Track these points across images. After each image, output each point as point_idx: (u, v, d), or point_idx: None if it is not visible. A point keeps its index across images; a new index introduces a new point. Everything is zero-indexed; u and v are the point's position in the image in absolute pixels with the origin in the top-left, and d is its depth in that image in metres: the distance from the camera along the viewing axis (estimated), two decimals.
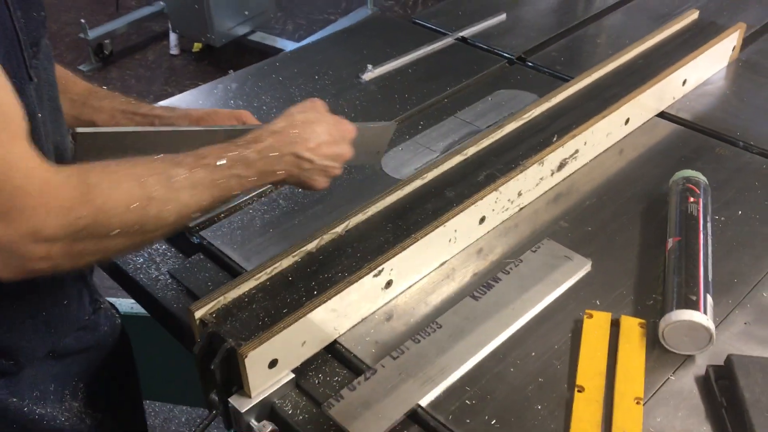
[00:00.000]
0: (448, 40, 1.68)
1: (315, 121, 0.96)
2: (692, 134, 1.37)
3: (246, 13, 3.75)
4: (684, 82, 1.44)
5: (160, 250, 1.17)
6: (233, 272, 1.09)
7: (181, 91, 1.61)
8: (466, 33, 1.71)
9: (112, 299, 1.44)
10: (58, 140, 0.95)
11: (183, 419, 2.11)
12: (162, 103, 1.50)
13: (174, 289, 1.10)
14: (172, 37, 3.91)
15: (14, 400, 0.96)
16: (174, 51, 3.93)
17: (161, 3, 4.00)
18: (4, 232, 0.71)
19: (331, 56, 1.65)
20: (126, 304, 1.66)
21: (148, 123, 1.06)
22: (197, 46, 3.90)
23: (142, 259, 1.15)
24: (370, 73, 1.55)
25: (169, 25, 3.88)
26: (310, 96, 1.45)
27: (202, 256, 1.13)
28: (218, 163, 0.86)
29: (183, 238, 1.17)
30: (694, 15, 1.60)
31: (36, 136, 0.85)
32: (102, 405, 1.13)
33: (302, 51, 1.75)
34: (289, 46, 3.71)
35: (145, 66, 3.91)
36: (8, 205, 0.71)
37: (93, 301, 1.06)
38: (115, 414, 1.16)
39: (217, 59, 3.85)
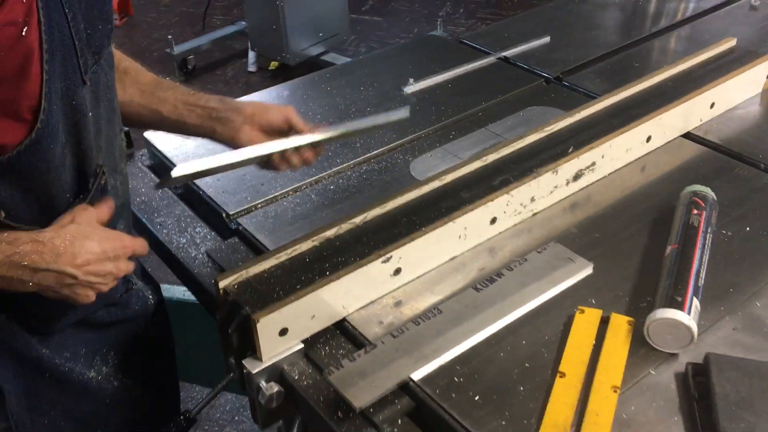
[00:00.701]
0: (490, 59, 1.77)
1: (87, 235, 0.92)
2: (716, 155, 1.41)
3: (320, 34, 3.94)
4: (712, 105, 1.48)
5: (201, 234, 1.30)
6: None
7: None
8: (508, 53, 1.79)
9: (166, 285, 1.58)
10: (111, 136, 1.08)
11: (227, 408, 2.24)
12: None
13: (209, 267, 1.22)
14: (251, 55, 4.14)
15: (46, 351, 1.08)
16: (252, 68, 4.16)
17: (243, 23, 4.24)
18: None
19: (378, 70, 1.76)
20: (179, 290, 1.80)
21: (206, 115, 1.17)
22: (273, 65, 4.11)
23: (184, 240, 1.28)
24: (412, 87, 1.66)
25: (249, 44, 4.11)
26: (354, 104, 1.59)
27: (237, 240, 1.25)
28: None
29: (222, 223, 1.29)
30: (731, 42, 1.64)
31: (85, 133, 0.97)
32: (131, 373, 1.24)
33: (353, 65, 1.87)
34: None
35: (224, 81, 4.14)
36: None
37: (125, 282, 1.19)
38: (145, 384, 1.28)
39: (290, 77, 4.02)
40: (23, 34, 0.82)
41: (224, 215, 1.29)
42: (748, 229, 1.20)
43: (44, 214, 0.97)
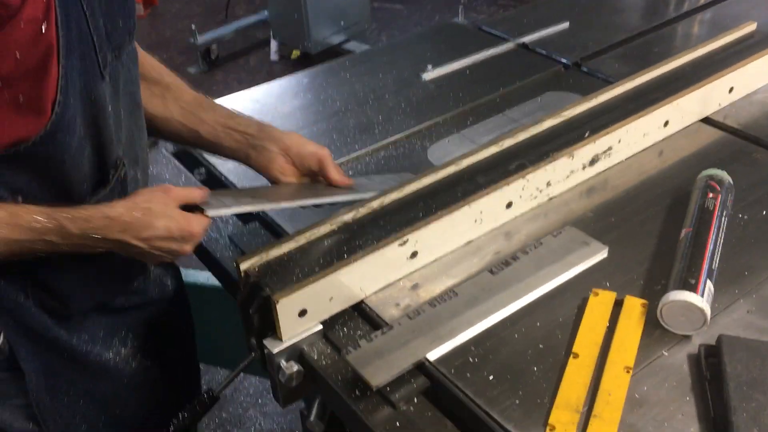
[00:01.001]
0: (509, 45, 1.78)
1: (157, 214, 0.99)
2: (735, 140, 1.40)
3: (342, 23, 3.96)
4: (731, 90, 1.47)
5: (224, 219, 1.33)
6: None
7: None
8: (527, 39, 1.80)
9: (191, 270, 1.62)
10: (133, 129, 1.11)
11: (251, 391, 2.28)
12: (240, 93, 1.68)
13: (232, 251, 1.25)
14: (273, 44, 4.17)
15: (63, 333, 1.11)
16: (274, 57, 4.19)
17: (265, 12, 4.26)
18: None
19: (397, 58, 1.78)
20: (202, 275, 1.84)
21: (243, 140, 1.20)
22: (295, 54, 4.13)
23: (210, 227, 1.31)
24: (430, 73, 1.67)
25: (271, 33, 4.14)
26: (373, 92, 1.61)
27: (257, 225, 1.28)
28: (31, 225, 0.91)
29: None
30: (751, 26, 1.63)
31: (104, 126, 1.00)
32: (150, 355, 1.28)
33: (372, 53, 1.89)
34: None
35: (246, 70, 4.18)
36: None
37: (143, 270, 1.22)
38: (164, 366, 1.31)
39: (312, 65, 4.06)
40: (42, 30, 0.85)
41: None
42: (764, 212, 1.20)
43: (60, 201, 1.00)
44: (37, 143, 0.92)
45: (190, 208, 1.04)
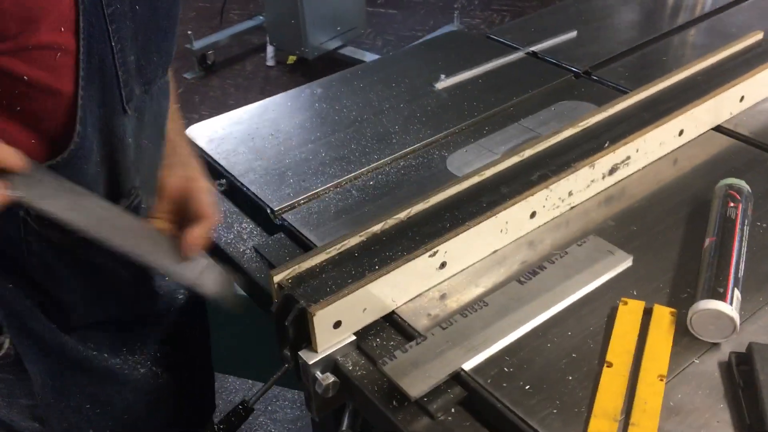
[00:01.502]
0: (519, 54, 1.80)
1: None
2: (747, 148, 1.43)
3: (338, 28, 3.97)
4: (742, 99, 1.50)
5: (248, 229, 1.34)
6: (309, 250, 1.24)
7: None
8: (536, 48, 1.82)
9: None
10: (156, 159, 1.10)
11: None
12: (256, 104, 1.68)
13: (257, 262, 1.26)
14: (269, 50, 4.17)
15: (69, 339, 1.10)
16: (270, 62, 4.19)
17: (261, 17, 4.27)
18: None
19: (409, 67, 1.79)
20: None
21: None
22: (291, 59, 4.14)
23: (232, 236, 1.32)
24: (443, 83, 1.69)
25: (267, 39, 4.14)
26: (387, 100, 1.62)
27: (283, 235, 1.29)
28: None
29: (267, 219, 1.33)
30: (758, 35, 1.66)
31: (121, 157, 0.99)
32: (159, 363, 1.27)
33: (383, 62, 1.91)
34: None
35: (243, 76, 4.18)
36: None
37: (151, 288, 1.22)
38: (175, 374, 1.31)
39: (309, 71, 4.07)
40: (57, 57, 0.84)
41: (269, 212, 1.32)
42: None
43: None
44: (54, 167, 0.90)
45: None
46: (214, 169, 1.46)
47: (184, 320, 1.29)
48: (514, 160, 1.31)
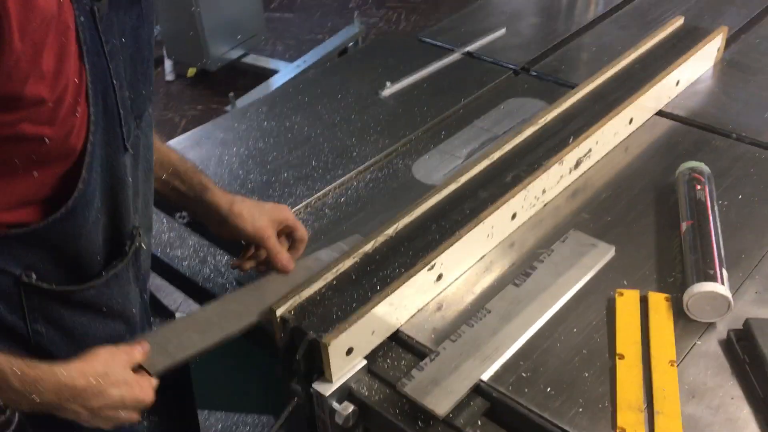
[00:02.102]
0: (455, 56, 1.82)
1: (113, 381, 0.88)
2: (689, 129, 1.51)
3: (238, 36, 3.87)
4: (677, 83, 1.58)
5: (223, 262, 1.28)
6: None
7: (181, 116, 1.71)
8: (471, 48, 1.84)
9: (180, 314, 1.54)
10: (148, 196, 1.05)
11: (219, 426, 2.21)
12: (197, 129, 1.62)
13: None
14: (167, 64, 4.01)
15: None
16: (169, 77, 4.03)
17: (156, 30, 4.10)
18: None
19: (349, 76, 1.77)
20: None
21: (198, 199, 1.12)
22: (192, 71, 4.00)
23: (208, 270, 1.26)
24: (388, 90, 1.68)
25: (164, 52, 3.98)
26: (337, 112, 1.60)
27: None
28: None
29: (241, 248, 1.28)
30: (679, 21, 1.75)
31: (123, 197, 0.95)
32: (155, 409, 1.22)
33: (321, 73, 1.87)
34: (281, 66, 3.83)
35: None
36: None
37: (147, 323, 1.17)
38: (169, 417, 1.26)
39: (212, 83, 3.95)
40: (77, 114, 0.81)
41: (244, 241, 1.28)
42: (740, 197, 1.30)
43: (73, 275, 0.94)
44: (55, 221, 0.86)
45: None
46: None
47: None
48: (485, 163, 1.32)
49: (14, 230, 0.84)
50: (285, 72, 3.67)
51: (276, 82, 3.59)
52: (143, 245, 1.02)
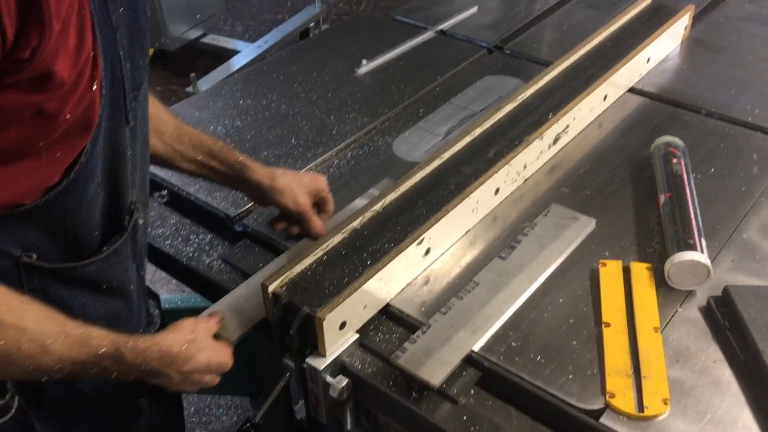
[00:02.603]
0: (429, 34, 1.82)
1: (201, 347, 0.96)
2: (660, 105, 1.55)
3: (197, 16, 3.80)
4: (648, 60, 1.62)
5: (206, 240, 1.27)
6: (280, 253, 1.20)
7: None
8: (444, 26, 1.85)
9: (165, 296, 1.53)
10: (145, 171, 1.05)
11: (191, 410, 2.20)
12: (176, 105, 1.60)
13: (228, 272, 1.20)
14: None
15: (74, 387, 1.04)
16: None
17: None
18: None
19: (324, 54, 1.76)
20: (169, 299, 1.72)
21: (231, 176, 1.15)
22: (149, 51, 3.92)
23: (192, 249, 1.25)
24: (364, 68, 1.68)
25: None
26: (313, 90, 1.59)
27: (248, 241, 1.24)
28: (97, 350, 0.86)
29: (225, 227, 1.27)
30: (647, 0, 1.79)
31: (123, 171, 0.94)
32: (143, 391, 1.21)
33: (296, 50, 1.86)
34: (241, 46, 3.78)
35: None
36: None
37: (148, 315, 1.17)
38: (157, 400, 1.25)
39: (171, 63, 3.88)
40: (93, 88, 0.80)
41: (227, 219, 1.27)
42: (712, 170, 1.34)
43: (73, 253, 0.93)
44: (57, 194, 0.85)
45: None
46: (153, 182, 1.37)
47: None
48: (467, 139, 1.33)
49: (17, 209, 0.83)
50: (246, 52, 3.62)
51: (237, 62, 3.54)
52: (141, 220, 1.01)
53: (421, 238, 1.12)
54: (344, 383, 1.03)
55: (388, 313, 1.11)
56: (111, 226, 0.97)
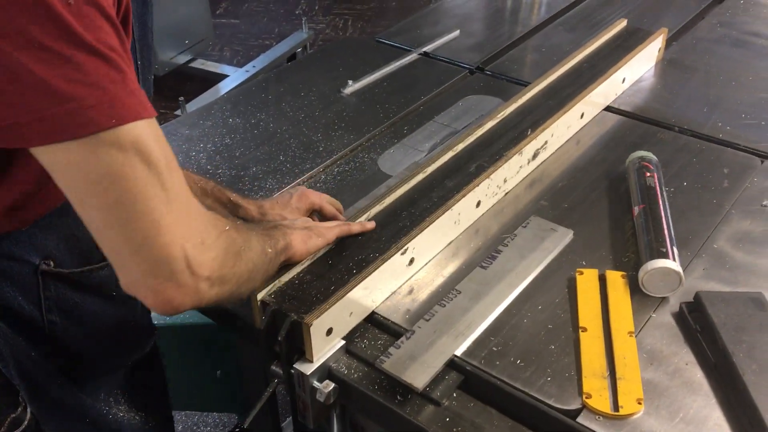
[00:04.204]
0: (413, 56, 1.88)
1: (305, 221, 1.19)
2: (635, 123, 1.60)
3: (186, 42, 3.86)
4: (623, 80, 1.68)
5: None
6: None
7: None
8: (427, 48, 1.91)
9: None
10: None
11: (180, 428, 2.21)
12: (161, 126, 1.64)
13: None
14: None
15: (86, 398, 1.08)
16: None
17: None
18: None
19: (312, 75, 1.82)
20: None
21: (231, 215, 1.18)
22: None
23: None
24: (350, 88, 1.73)
25: None
26: (301, 110, 1.64)
27: None
28: (277, 246, 1.03)
29: None
30: (623, 23, 1.85)
31: None
32: (150, 407, 1.24)
33: (284, 71, 1.91)
34: (229, 71, 3.84)
35: None
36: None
37: (151, 333, 1.20)
38: (162, 415, 1.28)
39: (159, 87, 3.92)
40: None
41: None
42: (684, 184, 1.40)
43: (84, 259, 0.97)
44: None
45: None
46: None
47: (154, 357, 1.25)
48: (450, 154, 1.38)
49: (26, 220, 0.86)
50: (234, 77, 3.68)
51: (225, 86, 3.60)
52: None
53: (406, 248, 1.16)
54: (331, 388, 1.06)
55: (373, 320, 1.14)
56: None
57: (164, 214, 0.76)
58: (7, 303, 0.91)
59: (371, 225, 1.21)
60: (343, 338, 1.10)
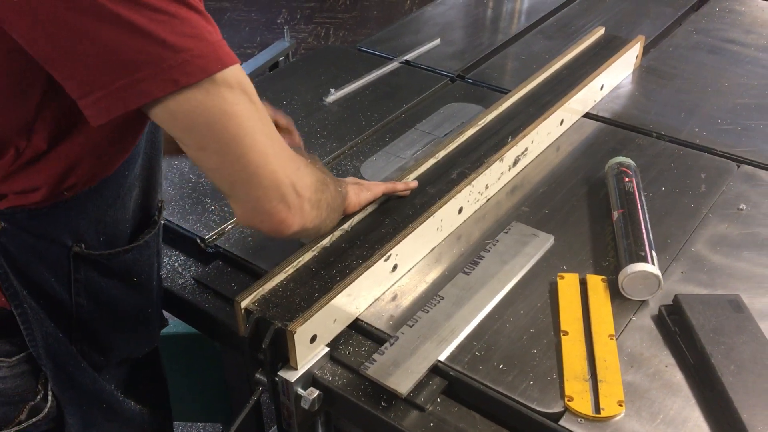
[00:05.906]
0: (394, 64, 1.89)
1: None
2: (614, 129, 1.63)
3: None
4: (602, 87, 1.70)
5: (180, 261, 1.31)
6: (252, 273, 1.24)
7: None
8: (408, 57, 1.92)
9: None
10: (164, 171, 1.13)
11: None
12: None
13: (201, 292, 1.24)
14: None
15: (105, 384, 1.11)
16: None
17: None
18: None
19: (293, 83, 1.82)
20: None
21: None
22: None
23: (166, 270, 1.28)
24: (332, 96, 1.74)
25: None
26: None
27: (220, 263, 1.28)
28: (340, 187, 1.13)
29: (198, 249, 1.31)
30: (600, 31, 1.88)
31: (157, 168, 1.04)
32: (161, 400, 1.28)
33: (266, 79, 1.92)
34: None
35: None
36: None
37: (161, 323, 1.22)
38: (158, 412, 1.29)
39: None
40: None
41: (200, 241, 1.31)
42: (663, 188, 1.42)
43: (110, 243, 1.00)
44: (104, 180, 0.93)
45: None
46: None
47: (153, 358, 1.26)
48: (432, 162, 1.39)
49: (68, 193, 0.90)
50: None
51: None
52: (162, 220, 1.09)
53: (389, 254, 1.17)
54: (315, 395, 1.06)
55: (357, 326, 1.15)
56: (142, 220, 1.05)
57: (268, 145, 0.86)
58: (41, 285, 0.95)
59: (414, 184, 1.29)
60: (327, 345, 1.11)
